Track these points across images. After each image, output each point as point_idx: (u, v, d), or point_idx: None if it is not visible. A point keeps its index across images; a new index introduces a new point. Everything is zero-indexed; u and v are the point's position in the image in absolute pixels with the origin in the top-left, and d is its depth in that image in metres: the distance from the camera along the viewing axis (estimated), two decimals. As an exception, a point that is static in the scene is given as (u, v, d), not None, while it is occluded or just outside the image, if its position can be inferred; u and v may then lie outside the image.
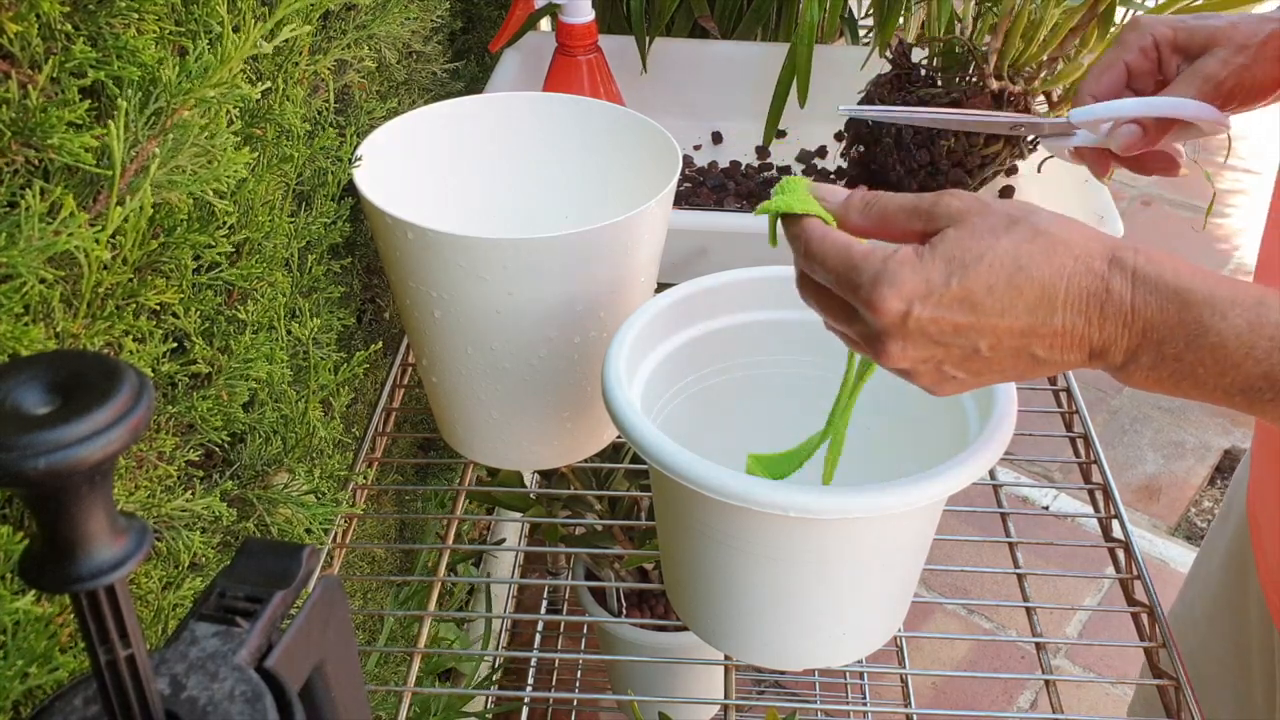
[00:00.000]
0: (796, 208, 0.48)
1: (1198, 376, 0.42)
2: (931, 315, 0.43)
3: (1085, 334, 0.43)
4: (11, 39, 0.40)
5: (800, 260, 0.48)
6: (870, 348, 0.46)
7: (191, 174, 0.47)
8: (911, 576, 0.61)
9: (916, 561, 0.60)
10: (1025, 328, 0.43)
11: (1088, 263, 0.43)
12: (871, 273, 0.44)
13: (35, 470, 0.21)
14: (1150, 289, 0.42)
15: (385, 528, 1.03)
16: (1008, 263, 0.43)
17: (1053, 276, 0.43)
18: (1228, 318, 0.41)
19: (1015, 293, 0.43)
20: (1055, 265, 0.43)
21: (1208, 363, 0.42)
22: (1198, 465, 1.91)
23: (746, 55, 1.05)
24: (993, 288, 0.43)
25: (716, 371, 0.68)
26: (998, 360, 0.45)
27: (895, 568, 0.58)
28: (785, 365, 0.68)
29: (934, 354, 0.45)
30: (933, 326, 0.44)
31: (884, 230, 0.48)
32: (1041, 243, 0.43)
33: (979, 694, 1.49)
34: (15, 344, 0.39)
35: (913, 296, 0.43)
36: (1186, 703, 0.62)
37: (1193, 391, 0.44)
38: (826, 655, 0.62)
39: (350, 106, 0.73)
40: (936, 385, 0.47)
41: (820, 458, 0.60)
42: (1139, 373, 0.44)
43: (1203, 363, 0.42)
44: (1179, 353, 0.42)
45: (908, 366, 0.46)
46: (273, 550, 0.33)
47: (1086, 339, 0.43)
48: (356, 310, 0.82)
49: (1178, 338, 0.42)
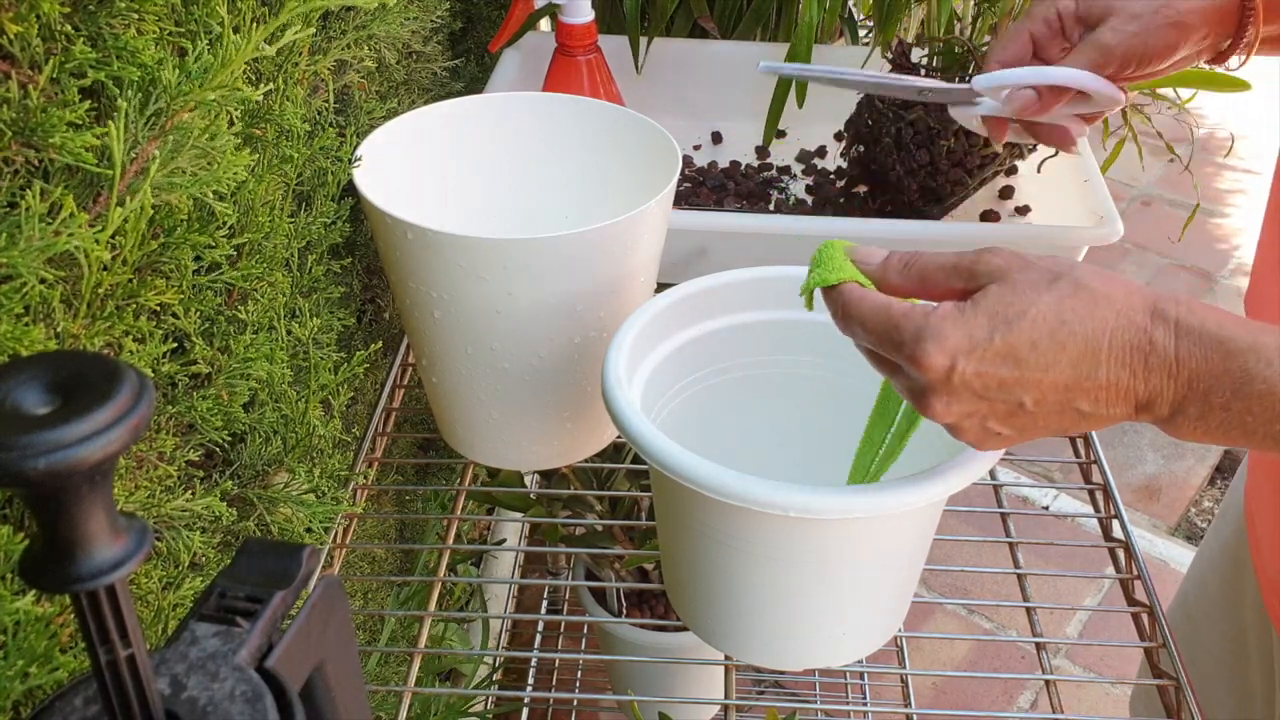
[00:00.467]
0: (832, 279, 0.49)
1: (1246, 425, 0.43)
2: (976, 370, 0.44)
3: (1130, 387, 0.43)
4: (11, 39, 0.40)
5: (840, 325, 0.49)
6: (916, 401, 0.47)
7: (192, 176, 0.47)
8: (912, 576, 0.61)
9: (917, 562, 0.60)
10: (1069, 382, 0.43)
11: (1130, 316, 0.43)
12: (913, 329, 0.44)
13: (35, 470, 0.21)
14: (1194, 340, 0.42)
15: (385, 528, 1.03)
16: (1051, 318, 0.43)
17: (1096, 331, 0.43)
18: (1274, 364, 0.41)
19: (1059, 348, 0.43)
20: (1098, 320, 0.43)
21: (1256, 410, 0.42)
22: (1198, 465, 1.91)
23: (746, 55, 1.05)
24: (1036, 343, 0.43)
25: (716, 371, 0.68)
26: (1043, 415, 0.45)
27: (895, 568, 0.58)
28: (785, 365, 0.68)
29: (978, 409, 0.45)
30: (977, 381, 0.44)
31: (924, 290, 0.48)
32: (1084, 297, 0.44)
33: (979, 694, 1.49)
34: (15, 344, 0.39)
35: (956, 352, 0.44)
36: (1186, 703, 0.62)
37: (1242, 440, 0.44)
38: (826, 655, 0.62)
39: (350, 106, 0.73)
40: (981, 440, 0.47)
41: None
42: (1187, 424, 0.44)
43: (1250, 410, 0.42)
44: (1226, 401, 0.42)
45: (953, 421, 0.46)
46: (273, 550, 0.33)
47: (1132, 392, 0.43)
48: (356, 310, 0.82)
49: (1224, 387, 0.42)
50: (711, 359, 0.67)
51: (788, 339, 0.67)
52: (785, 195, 0.97)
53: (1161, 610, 0.67)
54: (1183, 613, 0.84)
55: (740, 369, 0.68)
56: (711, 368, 0.68)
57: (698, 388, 0.68)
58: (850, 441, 0.61)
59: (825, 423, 0.68)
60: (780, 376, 0.69)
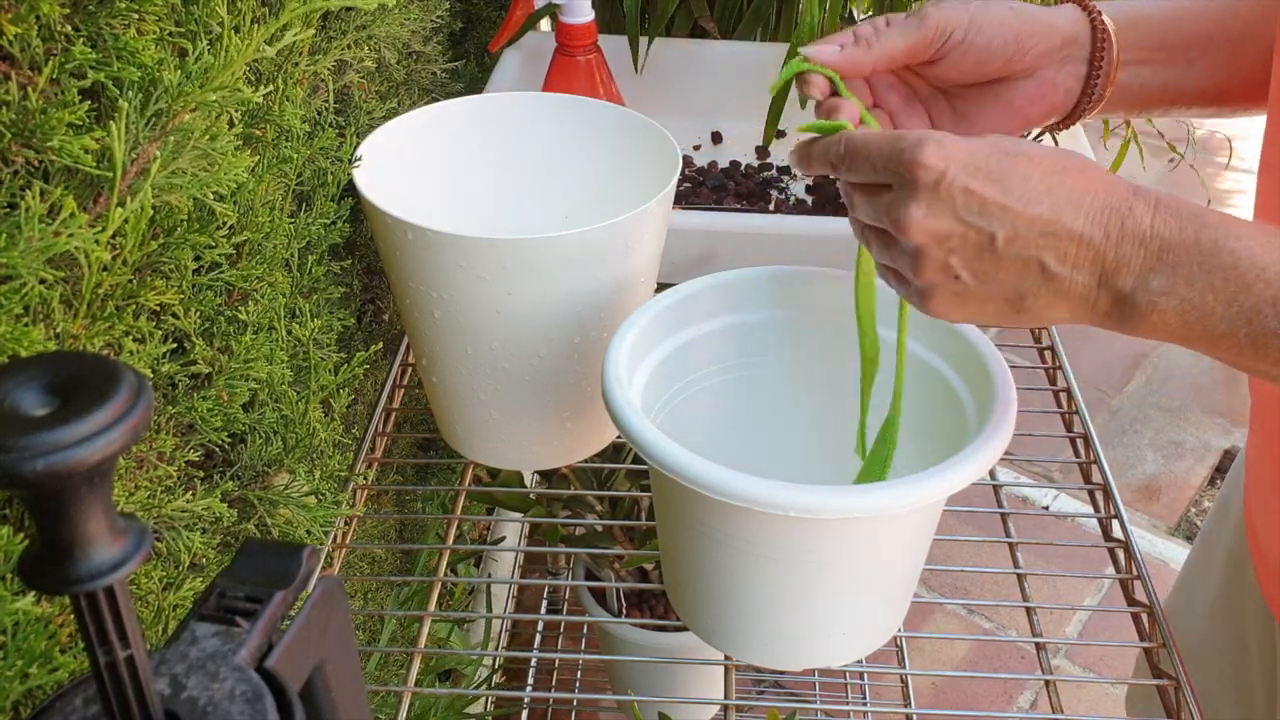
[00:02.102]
0: (797, 69, 0.55)
1: (1207, 307, 0.44)
2: (964, 184, 0.45)
3: (1101, 248, 0.45)
4: (11, 40, 0.40)
5: (842, 169, 0.50)
6: (891, 216, 0.47)
7: (192, 177, 0.47)
8: (911, 576, 0.61)
9: (916, 561, 0.60)
10: (1047, 221, 0.45)
11: (1115, 186, 0.46)
12: (919, 135, 0.47)
13: (34, 471, 0.21)
14: (1170, 212, 0.45)
15: (385, 528, 1.03)
16: (1045, 163, 0.46)
17: (1083, 186, 0.45)
18: (1242, 238, 0.43)
19: (1045, 188, 0.45)
20: (1087, 179, 0.46)
21: (1218, 286, 0.43)
22: (1198, 465, 1.91)
23: (746, 55, 1.05)
24: (1028, 178, 0.45)
25: (717, 371, 0.68)
26: (1006, 264, 0.46)
27: (895, 567, 0.58)
28: (785, 365, 0.68)
29: (951, 231, 0.46)
30: (962, 196, 0.45)
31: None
32: (1077, 161, 0.46)
33: (979, 694, 1.49)
34: (15, 345, 0.39)
35: (952, 158, 0.46)
36: (1186, 702, 0.62)
37: (1199, 330, 0.45)
38: (826, 655, 0.62)
39: (350, 107, 0.73)
40: (937, 284, 0.48)
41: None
42: (1144, 305, 0.45)
43: (1213, 287, 0.43)
44: (1191, 275, 0.44)
45: (921, 241, 0.47)
46: (273, 550, 0.33)
47: (1100, 255, 0.45)
48: (356, 311, 0.82)
49: (1192, 260, 0.44)
50: (712, 358, 0.67)
51: (788, 339, 0.67)
52: (785, 195, 0.97)
53: (1161, 610, 0.67)
54: (1183, 610, 0.85)
55: (741, 368, 0.68)
56: (712, 367, 0.68)
57: (698, 387, 0.68)
58: (848, 444, 0.61)
59: (827, 421, 0.68)
60: (780, 376, 0.69)
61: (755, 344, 0.68)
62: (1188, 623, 0.83)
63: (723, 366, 0.68)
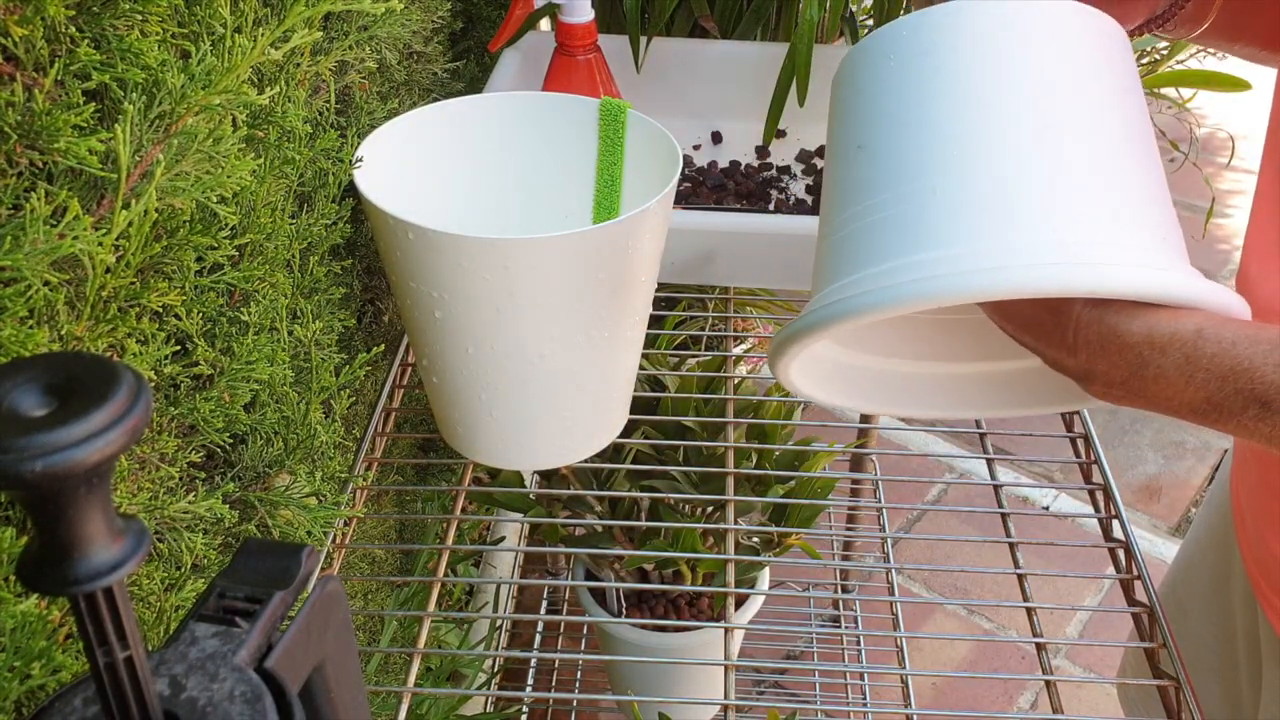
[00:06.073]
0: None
1: (1150, 396, 0.47)
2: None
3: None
4: (16, 42, 0.40)
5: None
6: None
7: (196, 180, 0.47)
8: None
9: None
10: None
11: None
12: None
13: (32, 473, 0.21)
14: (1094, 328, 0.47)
15: (385, 528, 1.03)
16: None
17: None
18: (1167, 354, 0.45)
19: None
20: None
21: (1152, 390, 0.46)
22: (1198, 465, 1.91)
23: (746, 55, 1.05)
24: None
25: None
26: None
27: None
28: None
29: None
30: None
31: None
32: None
33: (979, 694, 1.49)
34: (19, 348, 0.39)
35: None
36: (1186, 703, 0.62)
37: (1150, 408, 0.48)
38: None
39: (351, 107, 0.73)
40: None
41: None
42: (1096, 392, 0.48)
43: (1146, 391, 0.46)
44: (1125, 379, 0.46)
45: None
46: (272, 550, 0.33)
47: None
48: (357, 311, 0.82)
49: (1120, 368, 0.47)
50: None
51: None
52: (785, 195, 0.98)
53: (1162, 611, 0.67)
54: (1171, 598, 0.85)
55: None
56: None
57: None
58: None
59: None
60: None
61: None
62: (1176, 608, 0.83)
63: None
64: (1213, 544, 0.79)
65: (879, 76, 0.48)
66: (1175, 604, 0.84)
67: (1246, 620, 0.75)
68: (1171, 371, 0.45)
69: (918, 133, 0.46)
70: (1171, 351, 0.44)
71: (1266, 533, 0.67)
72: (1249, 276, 0.66)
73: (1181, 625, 0.82)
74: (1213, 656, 0.80)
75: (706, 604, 1.13)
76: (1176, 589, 0.85)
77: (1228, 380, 0.44)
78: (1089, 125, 0.46)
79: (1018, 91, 0.46)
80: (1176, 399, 0.45)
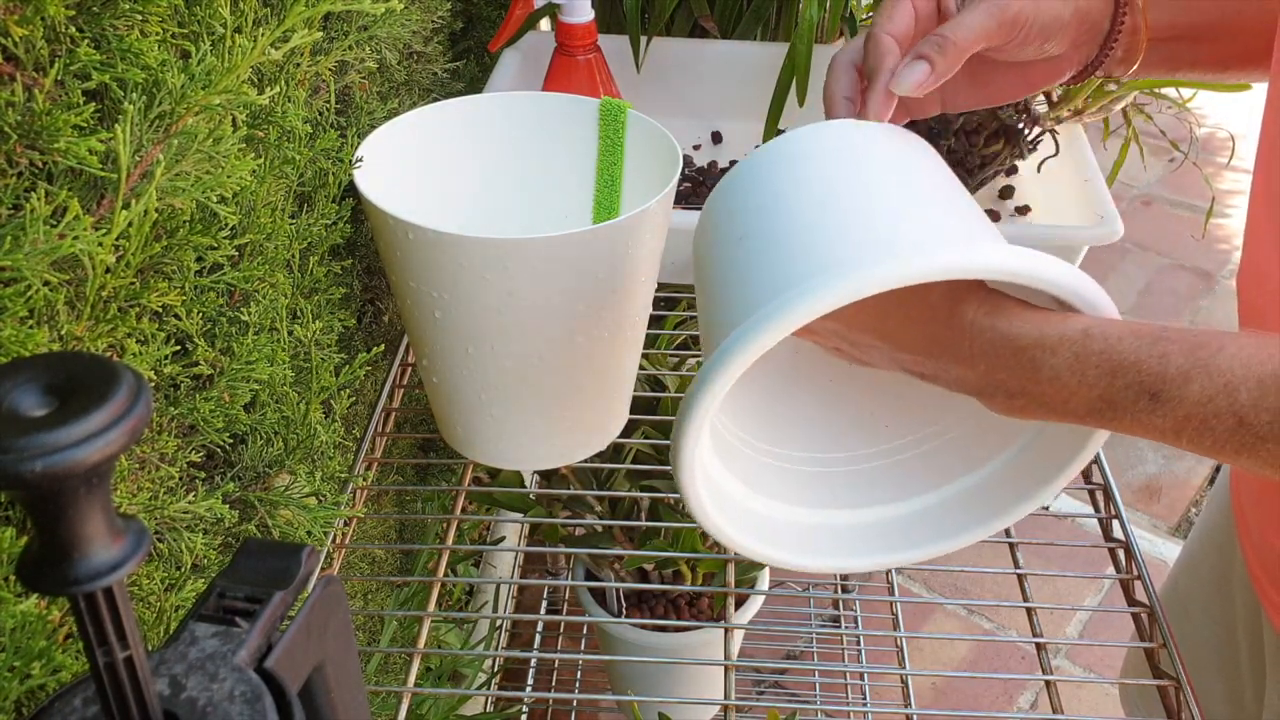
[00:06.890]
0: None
1: (1048, 401, 0.48)
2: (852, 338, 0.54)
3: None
4: (16, 41, 0.40)
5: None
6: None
7: (196, 180, 0.47)
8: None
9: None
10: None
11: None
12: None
13: (32, 473, 0.21)
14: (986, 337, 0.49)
15: (385, 528, 1.03)
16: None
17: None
18: (1058, 353, 0.46)
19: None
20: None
21: (1049, 393, 0.47)
22: (1198, 465, 1.91)
23: (746, 55, 1.05)
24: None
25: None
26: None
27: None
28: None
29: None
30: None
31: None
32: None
33: (979, 694, 1.49)
34: (19, 348, 0.39)
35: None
36: (1186, 703, 0.62)
37: (1051, 416, 0.49)
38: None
39: (351, 107, 0.73)
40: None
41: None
42: (998, 405, 0.49)
43: (1044, 395, 0.47)
44: (1023, 386, 0.48)
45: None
46: (272, 550, 0.33)
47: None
48: (357, 311, 0.82)
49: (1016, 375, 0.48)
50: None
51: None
52: (786, 196, 0.97)
53: (1162, 611, 0.67)
54: (1172, 599, 0.85)
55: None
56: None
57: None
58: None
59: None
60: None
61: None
62: (1179, 607, 0.83)
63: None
64: (1214, 544, 0.80)
65: (753, 183, 0.56)
66: (1177, 604, 0.84)
67: (1249, 619, 0.75)
68: (1064, 372, 0.46)
69: (787, 219, 0.52)
70: (1062, 351, 0.46)
71: (1268, 530, 0.67)
72: (1249, 276, 0.66)
73: (1184, 625, 0.82)
74: (1215, 656, 0.80)
75: (706, 604, 1.13)
76: (1179, 589, 0.85)
77: (1117, 375, 0.45)
78: (928, 183, 0.53)
79: (858, 176, 0.53)
80: (1073, 400, 0.46)
